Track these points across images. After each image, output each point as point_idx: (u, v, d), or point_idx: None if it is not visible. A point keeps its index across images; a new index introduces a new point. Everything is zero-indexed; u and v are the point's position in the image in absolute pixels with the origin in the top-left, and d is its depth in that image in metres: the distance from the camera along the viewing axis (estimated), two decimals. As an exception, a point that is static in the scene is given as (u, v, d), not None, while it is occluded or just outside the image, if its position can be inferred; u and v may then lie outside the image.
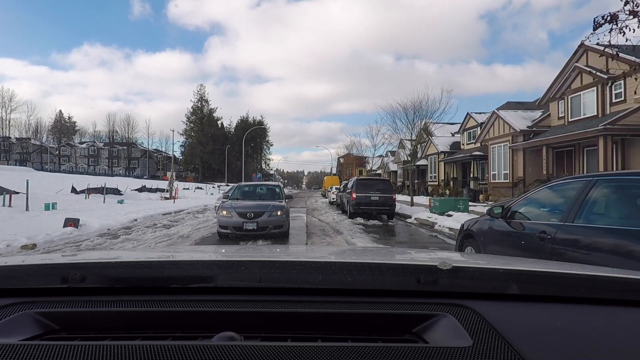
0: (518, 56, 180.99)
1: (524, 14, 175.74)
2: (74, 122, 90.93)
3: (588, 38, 7.68)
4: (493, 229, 4.08)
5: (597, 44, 7.86)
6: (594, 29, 7.04)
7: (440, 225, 11.38)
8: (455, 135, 31.65)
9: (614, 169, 14.07)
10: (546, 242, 3.13)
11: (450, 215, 12.76)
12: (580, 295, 0.86)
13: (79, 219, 9.65)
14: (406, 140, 25.38)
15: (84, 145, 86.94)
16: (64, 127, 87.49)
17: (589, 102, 16.45)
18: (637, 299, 0.84)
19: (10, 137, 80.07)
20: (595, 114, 15.89)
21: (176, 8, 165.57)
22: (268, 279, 0.92)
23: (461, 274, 0.91)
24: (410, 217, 14.51)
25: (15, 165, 61.48)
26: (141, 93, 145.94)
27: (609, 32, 6.93)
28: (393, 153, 42.80)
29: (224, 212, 8.70)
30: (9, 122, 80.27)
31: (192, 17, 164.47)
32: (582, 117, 16.68)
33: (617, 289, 0.89)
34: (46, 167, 69.20)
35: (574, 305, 0.84)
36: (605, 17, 6.83)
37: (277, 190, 10.68)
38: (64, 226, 9.21)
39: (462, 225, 4.96)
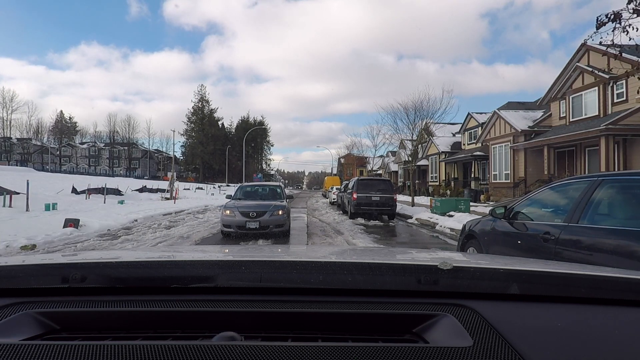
0: (519, 56, 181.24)
1: (525, 13, 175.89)
2: (75, 123, 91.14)
3: (591, 37, 7.61)
4: (495, 230, 4.05)
5: (600, 43, 7.79)
6: (597, 28, 6.96)
7: (441, 226, 11.36)
8: (456, 135, 31.64)
9: (616, 169, 14.05)
10: (550, 243, 3.10)
11: (452, 216, 12.75)
12: (580, 296, 0.86)
13: (79, 220, 9.65)
14: (407, 140, 25.39)
15: (84, 146, 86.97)
16: (64, 128, 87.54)
17: (590, 102, 16.43)
18: (637, 299, 0.84)
19: (11, 138, 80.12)
20: (597, 114, 15.87)
21: (173, 8, 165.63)
22: (268, 278, 0.92)
23: (462, 274, 0.91)
24: (411, 217, 14.50)
25: (16, 165, 61.49)
26: (140, 93, 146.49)
27: (612, 31, 6.86)
28: (394, 153, 42.79)
29: (227, 212, 8.90)
30: (10, 122, 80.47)
31: (189, 16, 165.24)
32: (583, 117, 16.66)
33: (618, 289, 0.88)
34: (47, 167, 69.26)
35: (574, 305, 0.84)
36: (608, 16, 6.77)
37: (278, 190, 10.90)
38: (64, 227, 9.21)
39: (464, 226, 4.94)
